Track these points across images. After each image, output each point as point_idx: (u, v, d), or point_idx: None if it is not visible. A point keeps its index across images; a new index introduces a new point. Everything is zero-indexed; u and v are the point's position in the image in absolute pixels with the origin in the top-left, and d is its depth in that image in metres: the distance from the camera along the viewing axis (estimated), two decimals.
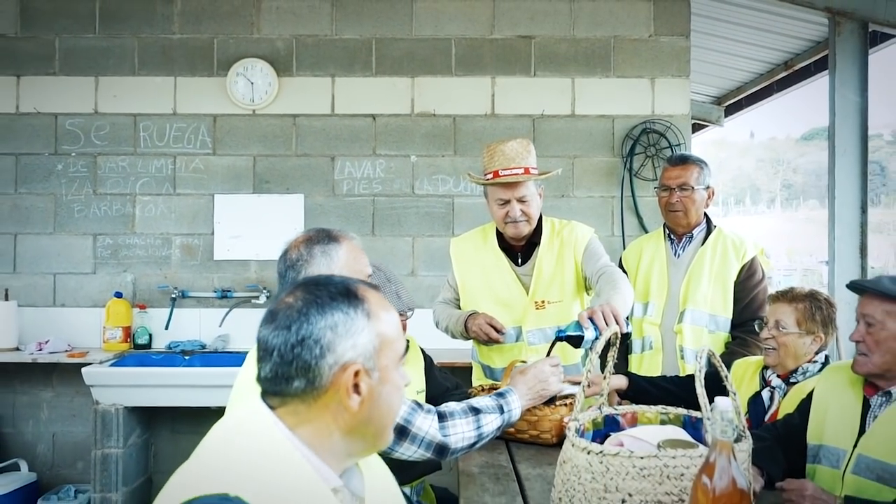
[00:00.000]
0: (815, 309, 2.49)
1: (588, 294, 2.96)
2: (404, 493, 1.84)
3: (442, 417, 2.03)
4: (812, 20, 5.19)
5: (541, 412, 2.47)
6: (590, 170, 4.66)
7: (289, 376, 1.19)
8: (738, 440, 1.73)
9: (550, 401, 2.38)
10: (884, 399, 2.11)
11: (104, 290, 4.62)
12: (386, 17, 4.66)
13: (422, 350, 2.76)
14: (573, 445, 1.75)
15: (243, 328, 4.57)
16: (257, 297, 4.57)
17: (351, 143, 4.65)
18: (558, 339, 2.44)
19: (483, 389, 2.67)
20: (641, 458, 1.65)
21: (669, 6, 4.67)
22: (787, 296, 2.55)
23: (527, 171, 2.78)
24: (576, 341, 2.39)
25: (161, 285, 4.62)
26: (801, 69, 6.40)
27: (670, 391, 2.63)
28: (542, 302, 2.85)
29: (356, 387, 1.20)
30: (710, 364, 1.83)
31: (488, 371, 2.98)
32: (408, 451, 1.98)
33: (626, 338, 3.18)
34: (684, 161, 3.17)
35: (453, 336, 2.95)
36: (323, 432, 1.21)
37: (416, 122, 4.66)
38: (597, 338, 2.30)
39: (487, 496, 2.05)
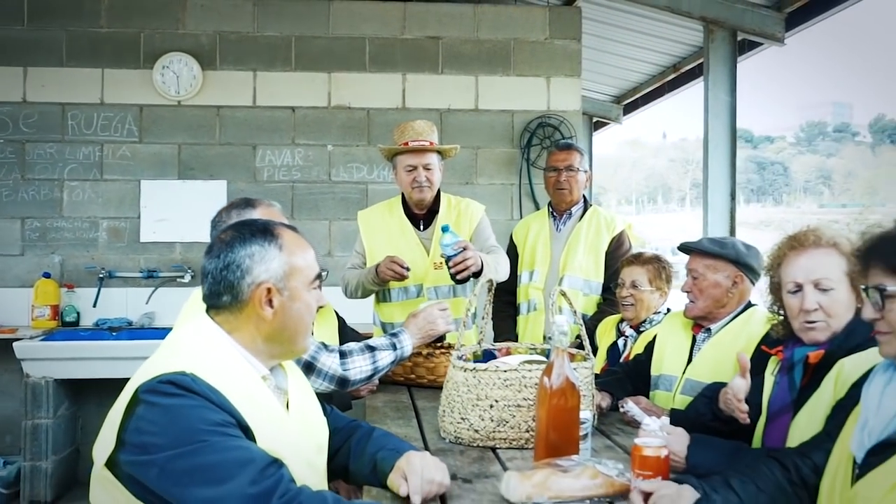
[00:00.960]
0: (661, 269, 3.03)
1: None
2: None
3: (343, 355, 2.44)
4: (692, 27, 5.79)
5: (437, 360, 2.93)
6: (491, 159, 5.13)
7: (219, 293, 1.60)
8: (584, 360, 2.21)
9: (440, 340, 2.82)
10: (706, 335, 2.63)
11: (32, 270, 4.83)
12: (305, 17, 5.02)
13: (336, 312, 3.16)
14: (454, 367, 2.19)
15: (169, 306, 4.85)
16: (182, 277, 4.87)
17: (271, 133, 5.00)
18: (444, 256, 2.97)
19: None
20: (505, 371, 2.10)
21: (563, 13, 5.18)
22: (639, 259, 3.08)
23: (432, 144, 3.27)
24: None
25: (88, 266, 4.87)
26: (687, 72, 7.06)
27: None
28: (440, 262, 3.25)
29: (269, 301, 1.60)
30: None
31: (389, 327, 3.40)
32: (315, 384, 2.37)
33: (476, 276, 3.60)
34: (569, 147, 3.71)
35: (363, 292, 3.31)
36: (249, 336, 1.61)
37: (333, 115, 5.04)
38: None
39: (389, 420, 2.47)
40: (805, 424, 1.91)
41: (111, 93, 4.91)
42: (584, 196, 3.70)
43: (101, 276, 4.82)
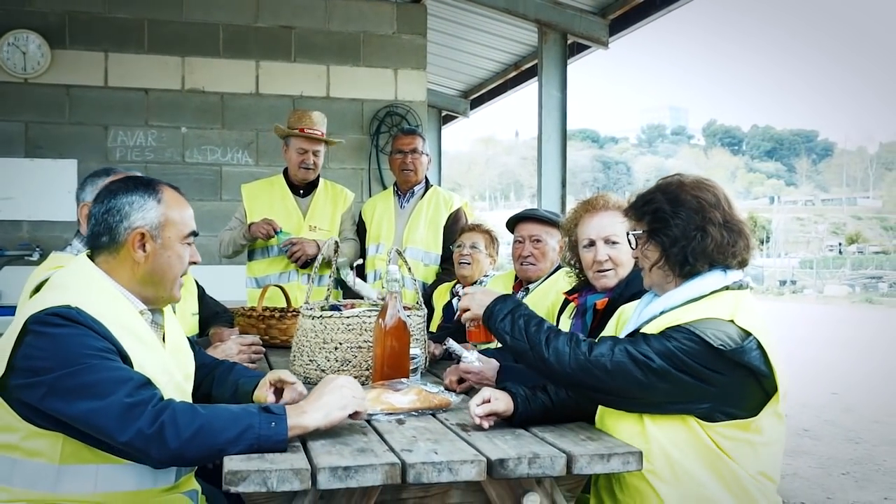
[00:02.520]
0: (494, 239, 3.50)
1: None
2: None
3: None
4: (528, 29, 6.30)
5: (289, 321, 3.20)
6: (343, 146, 5.40)
7: (99, 234, 1.83)
8: (418, 310, 2.56)
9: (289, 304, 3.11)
10: (524, 293, 3.05)
11: None
12: (157, 1, 5.11)
13: (196, 281, 3.37)
14: (303, 316, 2.49)
15: (16, 284, 4.81)
16: (30, 255, 4.86)
17: (124, 114, 5.07)
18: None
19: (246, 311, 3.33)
20: (347, 317, 2.42)
21: (409, 9, 5.54)
22: (479, 228, 3.55)
23: (322, 134, 3.85)
24: None
25: None
26: (527, 70, 7.61)
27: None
28: (315, 227, 3.84)
29: (143, 246, 1.83)
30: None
31: (255, 282, 3.82)
32: None
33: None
34: (413, 132, 4.10)
35: (234, 248, 3.78)
36: (126, 277, 1.84)
37: (187, 98, 5.17)
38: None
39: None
40: None
41: None
42: (426, 177, 4.08)
43: None
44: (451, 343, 2.36)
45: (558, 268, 3.04)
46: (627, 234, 2.01)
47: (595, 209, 2.49)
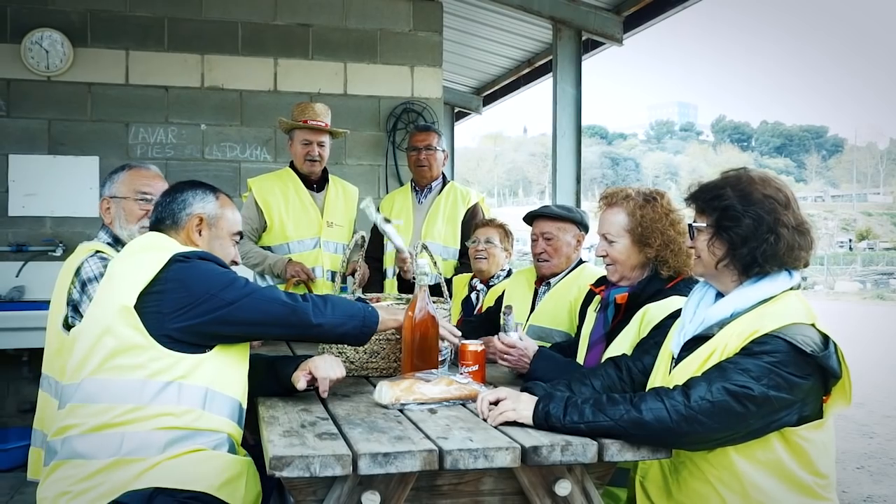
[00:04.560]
0: (508, 233, 3.54)
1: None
2: None
3: None
4: (542, 26, 6.34)
5: None
6: (360, 142, 5.48)
7: (162, 219, 2.13)
8: (443, 303, 2.61)
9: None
10: (546, 288, 3.09)
11: None
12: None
13: None
14: None
15: (39, 279, 4.90)
16: (53, 251, 4.92)
17: (144, 111, 5.13)
18: None
19: None
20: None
21: (425, 6, 5.58)
22: (493, 223, 3.59)
23: (327, 125, 3.82)
24: None
25: None
26: (540, 67, 7.65)
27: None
28: (331, 223, 3.84)
29: (199, 230, 2.12)
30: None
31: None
32: None
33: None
34: (428, 129, 4.13)
35: (260, 271, 3.77)
36: None
37: (206, 95, 5.23)
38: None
39: None
40: (614, 353, 2.36)
41: None
42: (442, 173, 4.12)
43: None
44: (508, 317, 2.44)
45: (580, 262, 3.09)
46: (689, 225, 1.99)
47: (607, 204, 2.52)
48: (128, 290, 1.89)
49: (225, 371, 1.96)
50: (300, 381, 2.09)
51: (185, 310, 1.88)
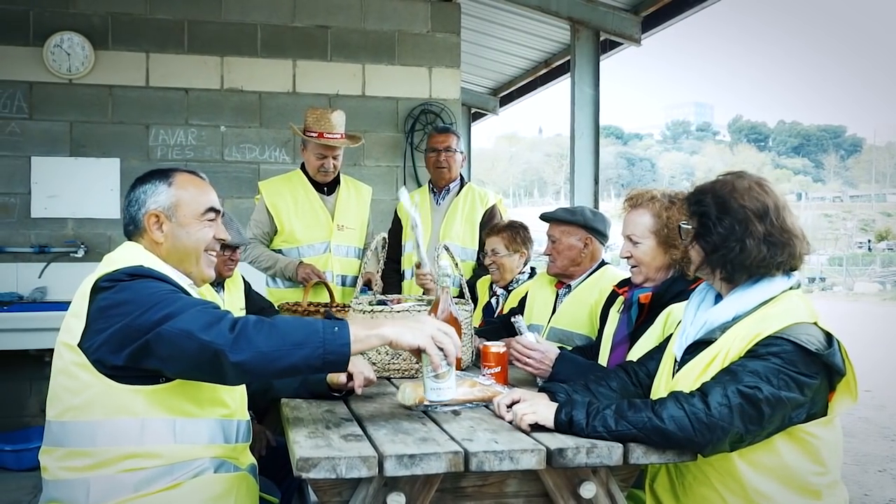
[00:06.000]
0: (514, 234, 3.50)
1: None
2: None
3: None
4: (560, 26, 6.33)
5: (337, 315, 3.26)
6: (378, 143, 5.49)
7: (127, 224, 1.98)
8: (465, 305, 2.61)
9: (332, 299, 3.16)
10: (566, 290, 3.09)
11: None
12: (197, 2, 5.20)
13: (242, 276, 3.46)
14: (354, 310, 2.55)
15: (61, 281, 4.94)
16: (75, 252, 4.96)
17: (165, 113, 5.16)
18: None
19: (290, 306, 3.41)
20: (398, 311, 2.47)
21: (443, 7, 5.59)
22: (494, 230, 3.57)
23: (342, 136, 3.78)
24: None
25: None
26: (557, 67, 7.64)
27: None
28: (342, 226, 3.82)
29: (160, 226, 1.93)
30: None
31: (281, 282, 3.84)
32: None
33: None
34: (447, 130, 4.13)
35: (272, 274, 3.78)
36: (157, 256, 1.94)
37: (226, 97, 5.26)
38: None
39: None
40: (638, 354, 2.36)
41: None
42: (460, 174, 4.12)
43: None
44: (519, 319, 2.43)
45: (602, 264, 3.08)
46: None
47: (631, 206, 2.52)
48: (74, 324, 1.77)
49: (199, 393, 1.80)
50: (340, 377, 2.08)
51: (109, 344, 1.71)
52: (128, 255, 1.89)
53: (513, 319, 2.50)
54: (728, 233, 1.88)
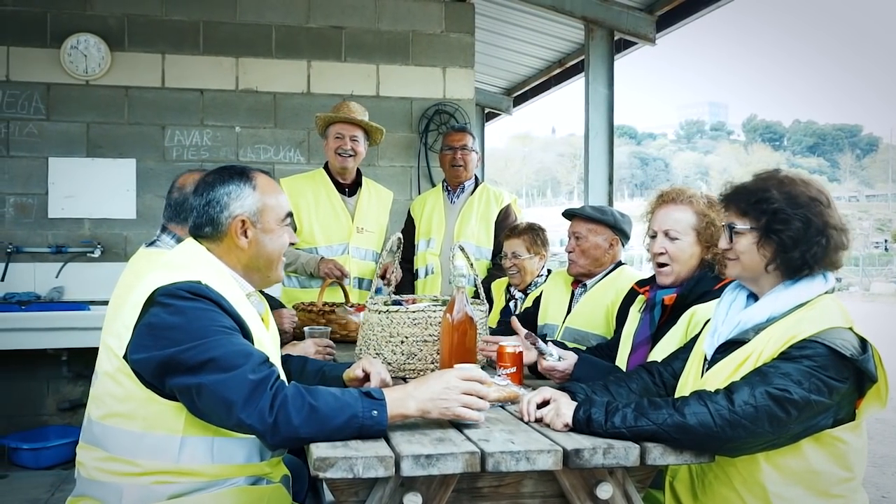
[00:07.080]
0: (535, 237, 3.49)
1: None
2: None
3: None
4: (574, 26, 6.31)
5: (349, 317, 3.27)
6: (392, 143, 5.49)
7: (202, 225, 1.92)
8: (480, 305, 2.61)
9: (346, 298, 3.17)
10: (582, 290, 3.08)
11: None
12: (212, 3, 5.23)
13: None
14: (370, 311, 2.56)
15: (78, 281, 4.98)
16: (92, 252, 4.99)
17: (180, 114, 5.19)
18: None
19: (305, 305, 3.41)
20: (413, 311, 2.48)
21: (457, 8, 5.59)
22: (515, 232, 3.55)
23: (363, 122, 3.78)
24: None
25: None
26: (571, 67, 7.62)
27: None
28: (362, 229, 3.80)
29: (245, 232, 1.91)
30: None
31: (297, 282, 3.83)
32: None
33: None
34: (463, 129, 4.15)
35: (293, 270, 3.75)
36: (232, 262, 1.93)
37: (241, 98, 5.28)
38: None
39: None
40: (660, 355, 2.34)
41: (17, 71, 4.97)
42: (475, 174, 4.13)
43: (8, 250, 4.89)
44: (541, 344, 2.38)
45: (618, 265, 3.07)
46: (730, 227, 1.94)
47: (666, 202, 2.49)
48: (124, 333, 1.76)
49: None
50: (357, 370, 2.08)
51: (150, 366, 1.71)
52: (189, 260, 1.87)
53: (538, 346, 2.42)
54: (807, 226, 1.83)
